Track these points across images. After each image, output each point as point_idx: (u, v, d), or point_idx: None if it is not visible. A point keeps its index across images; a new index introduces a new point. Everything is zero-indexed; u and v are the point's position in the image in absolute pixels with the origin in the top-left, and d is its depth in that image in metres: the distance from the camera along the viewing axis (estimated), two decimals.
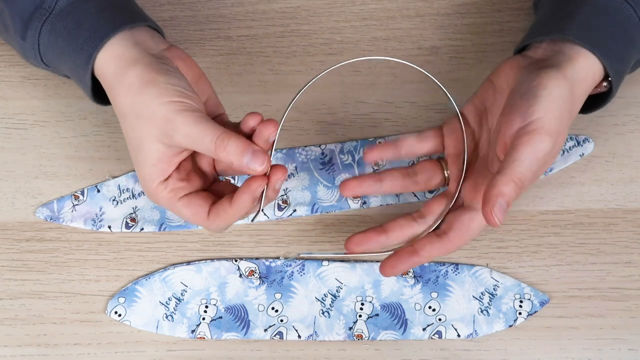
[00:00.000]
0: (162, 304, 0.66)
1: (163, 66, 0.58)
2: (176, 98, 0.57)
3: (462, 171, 0.63)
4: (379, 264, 0.67)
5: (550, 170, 0.69)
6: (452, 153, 0.64)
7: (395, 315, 0.66)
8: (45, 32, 0.61)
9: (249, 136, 0.57)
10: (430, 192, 0.68)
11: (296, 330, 0.66)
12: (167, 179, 0.59)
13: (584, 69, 0.59)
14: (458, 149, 0.64)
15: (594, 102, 0.63)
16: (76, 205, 0.69)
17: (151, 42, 0.61)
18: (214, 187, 0.61)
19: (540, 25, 0.63)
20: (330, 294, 0.67)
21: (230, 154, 0.55)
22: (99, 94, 0.62)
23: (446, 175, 0.64)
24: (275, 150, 0.69)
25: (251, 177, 0.57)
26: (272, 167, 0.57)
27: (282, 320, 0.66)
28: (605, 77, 0.61)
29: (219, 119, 0.62)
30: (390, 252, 0.63)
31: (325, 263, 0.67)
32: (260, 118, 0.57)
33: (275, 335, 0.66)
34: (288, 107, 0.59)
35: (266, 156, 0.56)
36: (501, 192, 0.55)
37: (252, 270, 0.67)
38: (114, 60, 0.59)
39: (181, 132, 0.56)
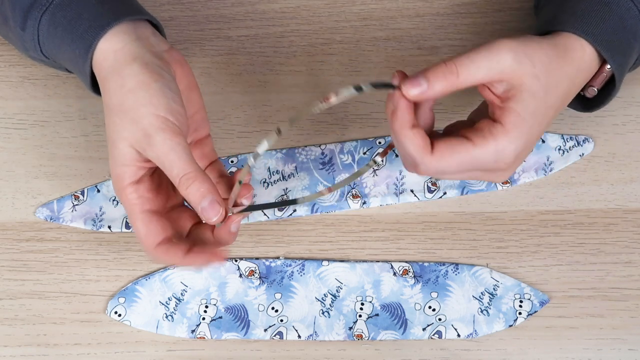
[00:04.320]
0: (162, 304, 0.66)
1: (159, 70, 0.58)
2: (162, 112, 0.56)
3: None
4: (379, 263, 0.67)
5: (551, 170, 0.69)
6: None
7: (395, 315, 0.66)
8: (45, 22, 0.61)
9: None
10: (430, 191, 0.68)
11: (296, 330, 0.66)
12: (138, 182, 0.58)
13: (568, 40, 0.58)
14: None
15: (599, 98, 0.63)
16: (76, 205, 0.69)
17: (153, 39, 0.61)
18: (177, 211, 0.61)
19: (540, 23, 0.63)
20: (330, 294, 0.67)
21: (189, 195, 0.56)
22: (98, 85, 0.62)
23: None
24: (276, 150, 0.70)
25: (215, 252, 0.58)
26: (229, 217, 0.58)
27: (282, 320, 0.66)
28: (603, 65, 0.61)
29: (201, 143, 0.62)
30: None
31: (325, 263, 0.67)
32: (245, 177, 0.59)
33: (275, 335, 0.66)
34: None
35: (222, 209, 0.56)
36: (424, 69, 0.54)
37: (252, 270, 0.67)
38: (113, 52, 0.58)
39: (154, 153, 0.56)
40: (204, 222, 0.58)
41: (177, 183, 0.56)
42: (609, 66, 0.60)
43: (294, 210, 0.68)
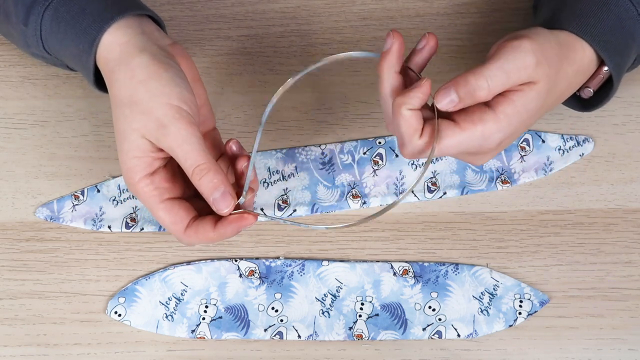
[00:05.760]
0: (162, 304, 0.66)
1: (168, 60, 0.58)
2: (175, 101, 0.56)
3: None
4: (379, 263, 0.67)
5: (551, 170, 0.69)
6: None
7: (395, 315, 0.66)
8: (48, 18, 0.61)
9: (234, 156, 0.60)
10: (430, 191, 0.68)
11: (296, 330, 0.66)
12: (153, 174, 0.58)
13: (569, 39, 0.59)
14: None
15: (597, 98, 0.63)
16: (76, 205, 0.69)
17: (157, 34, 0.61)
18: (195, 198, 0.60)
19: (539, 22, 0.63)
20: (330, 294, 0.67)
21: (202, 186, 0.56)
22: (101, 81, 0.62)
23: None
24: (276, 150, 0.70)
25: (243, 214, 0.57)
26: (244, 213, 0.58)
27: (282, 320, 0.66)
28: (600, 67, 0.61)
29: (209, 136, 0.62)
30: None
31: (325, 263, 0.67)
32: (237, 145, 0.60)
33: (275, 335, 0.66)
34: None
35: (233, 200, 0.57)
36: (456, 80, 0.55)
37: (252, 270, 0.67)
38: (119, 46, 0.58)
39: (168, 143, 0.56)
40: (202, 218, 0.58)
41: (190, 174, 0.56)
42: (606, 68, 0.61)
43: (294, 210, 0.68)
